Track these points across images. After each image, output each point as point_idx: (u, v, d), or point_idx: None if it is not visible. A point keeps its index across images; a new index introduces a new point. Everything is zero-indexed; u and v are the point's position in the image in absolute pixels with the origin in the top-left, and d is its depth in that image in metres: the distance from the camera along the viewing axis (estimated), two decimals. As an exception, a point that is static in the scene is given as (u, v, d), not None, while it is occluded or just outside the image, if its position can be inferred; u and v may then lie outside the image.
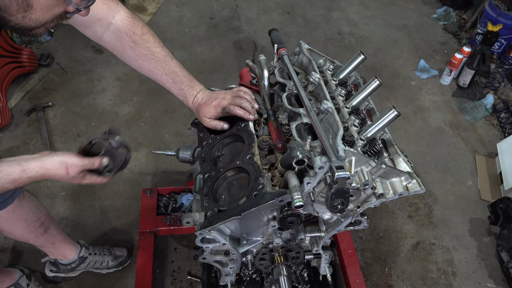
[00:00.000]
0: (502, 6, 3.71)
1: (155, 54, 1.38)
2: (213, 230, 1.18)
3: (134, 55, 1.38)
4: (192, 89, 1.42)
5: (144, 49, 1.37)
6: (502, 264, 2.44)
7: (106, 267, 2.18)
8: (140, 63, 1.39)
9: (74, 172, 1.14)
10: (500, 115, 3.41)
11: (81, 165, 1.15)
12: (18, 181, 1.07)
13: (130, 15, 1.40)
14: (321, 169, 1.04)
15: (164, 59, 1.39)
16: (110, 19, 1.36)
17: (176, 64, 1.41)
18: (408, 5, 4.81)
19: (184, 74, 1.42)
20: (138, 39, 1.36)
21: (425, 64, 3.90)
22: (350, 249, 2.15)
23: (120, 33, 1.36)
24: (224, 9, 4.40)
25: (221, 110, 1.38)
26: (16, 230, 1.73)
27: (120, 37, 1.36)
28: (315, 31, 4.27)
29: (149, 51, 1.37)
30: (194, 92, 1.42)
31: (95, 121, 3.07)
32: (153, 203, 2.26)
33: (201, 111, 1.40)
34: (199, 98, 1.41)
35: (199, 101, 1.41)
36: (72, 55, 3.58)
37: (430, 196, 2.83)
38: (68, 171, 1.13)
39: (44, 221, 1.81)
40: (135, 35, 1.36)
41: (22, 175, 1.07)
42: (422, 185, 1.16)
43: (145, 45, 1.37)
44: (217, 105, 1.38)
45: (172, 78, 1.40)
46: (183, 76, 1.41)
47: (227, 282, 1.53)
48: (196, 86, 1.43)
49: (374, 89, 1.26)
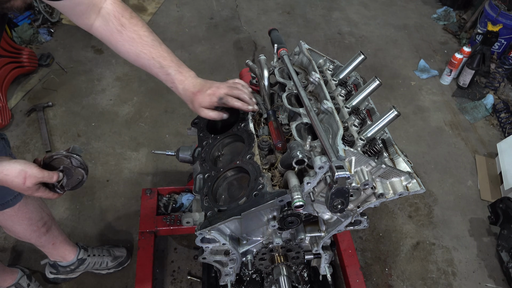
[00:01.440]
0: (502, 6, 3.71)
1: (142, 38, 1.32)
2: (213, 230, 1.18)
3: (121, 39, 1.32)
4: (180, 74, 1.32)
5: (131, 32, 1.31)
6: (502, 264, 2.44)
7: (105, 268, 2.18)
8: (127, 47, 1.32)
9: (30, 183, 1.12)
10: (500, 115, 3.41)
11: (40, 176, 1.13)
12: None
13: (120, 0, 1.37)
14: (321, 169, 1.04)
15: (153, 43, 1.32)
16: (102, 3, 1.32)
17: (165, 49, 1.34)
18: (408, 5, 4.81)
19: (173, 58, 1.33)
20: (126, 22, 1.31)
21: (425, 64, 3.90)
22: (350, 249, 2.15)
23: (109, 16, 1.31)
24: (224, 9, 4.40)
25: (217, 99, 1.31)
26: (19, 229, 1.73)
27: (108, 21, 1.32)
28: (315, 31, 4.27)
29: (137, 35, 1.31)
30: (182, 77, 1.32)
31: (95, 121, 3.07)
32: (153, 203, 2.26)
33: (196, 100, 1.31)
34: (190, 86, 1.32)
35: (190, 88, 1.32)
36: (72, 55, 3.58)
37: (430, 196, 2.83)
38: (26, 181, 1.11)
39: (47, 221, 1.82)
40: (123, 18, 1.31)
41: None
42: (422, 185, 1.16)
43: (133, 28, 1.32)
44: (212, 94, 1.30)
45: (159, 63, 1.31)
46: (171, 60, 1.33)
47: (227, 282, 1.53)
48: (185, 71, 1.33)
49: (374, 89, 1.26)
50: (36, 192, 1.17)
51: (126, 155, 2.86)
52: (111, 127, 3.05)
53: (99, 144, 2.91)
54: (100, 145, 2.91)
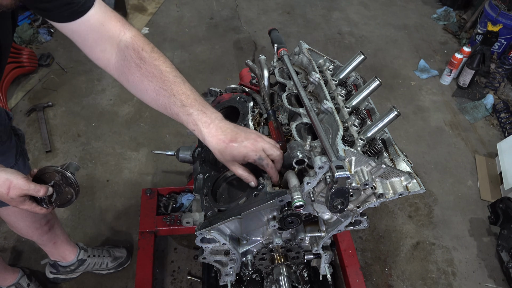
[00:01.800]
0: (502, 6, 3.71)
1: (163, 74, 1.15)
2: (213, 230, 1.18)
3: (140, 74, 1.16)
4: (204, 115, 1.11)
5: (152, 66, 1.15)
6: (502, 264, 2.44)
7: (105, 268, 2.19)
8: (145, 85, 1.16)
9: (14, 194, 1.07)
10: (500, 115, 3.41)
11: (26, 189, 1.08)
12: None
13: (141, 34, 1.23)
14: (321, 169, 1.04)
15: (175, 79, 1.15)
16: (121, 36, 1.19)
17: (188, 87, 1.15)
18: (408, 5, 4.81)
19: (196, 97, 1.14)
20: (146, 56, 1.16)
21: (425, 64, 3.90)
22: (350, 249, 2.15)
23: (127, 49, 1.17)
24: (224, 9, 4.40)
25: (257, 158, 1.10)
26: (22, 225, 1.74)
27: (126, 55, 1.17)
28: (315, 31, 4.27)
29: (157, 70, 1.15)
30: (207, 119, 1.11)
31: (95, 121, 3.07)
32: (153, 203, 2.26)
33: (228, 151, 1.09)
34: (218, 131, 1.10)
35: (219, 135, 1.09)
36: (72, 55, 3.58)
37: (430, 196, 2.83)
38: (9, 191, 1.06)
39: (50, 219, 1.84)
40: (143, 51, 1.16)
41: None
42: (422, 185, 1.16)
43: (154, 63, 1.16)
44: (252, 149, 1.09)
45: (180, 101, 1.12)
46: (194, 99, 1.13)
47: (227, 282, 1.53)
48: (209, 112, 1.12)
49: (374, 89, 1.26)
50: (21, 204, 1.12)
51: (126, 155, 2.86)
52: (111, 127, 3.05)
53: (99, 144, 2.91)
54: (100, 145, 2.91)
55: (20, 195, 1.08)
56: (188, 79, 1.18)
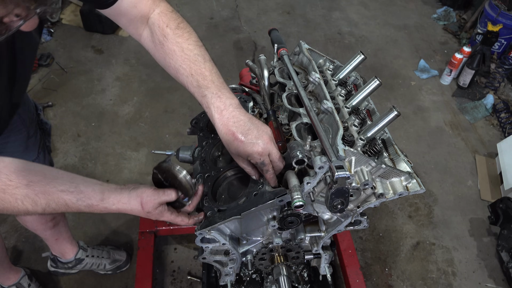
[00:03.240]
0: (502, 6, 3.71)
1: (184, 51, 1.13)
2: (213, 230, 1.18)
3: (163, 51, 1.16)
4: (218, 100, 1.07)
5: (173, 44, 1.14)
6: (502, 264, 2.44)
7: (103, 269, 2.19)
8: (167, 61, 1.15)
9: (149, 207, 1.03)
10: (500, 115, 3.41)
11: (156, 197, 1.04)
12: (94, 207, 1.00)
13: (170, 10, 1.21)
14: (321, 169, 1.04)
15: (195, 58, 1.12)
16: (150, 13, 1.19)
17: (209, 67, 1.12)
18: (408, 5, 4.81)
19: (214, 79, 1.10)
20: (169, 33, 1.15)
21: (425, 64, 3.90)
22: (350, 249, 2.15)
23: (154, 26, 1.17)
24: (224, 9, 4.40)
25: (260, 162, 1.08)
26: (29, 217, 1.77)
27: (152, 32, 1.18)
28: (315, 31, 4.27)
29: (179, 47, 1.13)
30: (220, 104, 1.06)
31: (95, 121, 3.07)
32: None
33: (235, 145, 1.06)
34: (230, 120, 1.06)
35: (230, 125, 1.05)
36: (72, 55, 3.58)
37: (430, 196, 2.83)
38: (144, 207, 1.03)
39: (56, 216, 1.87)
40: (168, 28, 1.15)
41: (100, 204, 1.00)
42: (422, 185, 1.16)
43: (176, 40, 1.14)
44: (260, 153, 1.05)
45: (197, 81, 1.10)
46: (211, 81, 1.09)
47: (227, 282, 1.53)
48: (225, 97, 1.07)
49: (374, 89, 1.26)
50: (161, 216, 1.07)
51: (126, 155, 2.86)
52: (111, 127, 3.05)
53: (99, 144, 2.91)
54: (100, 145, 2.91)
55: (155, 207, 1.05)
56: (188, 79, 1.17)
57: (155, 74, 3.50)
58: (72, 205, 0.97)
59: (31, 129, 1.50)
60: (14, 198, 0.92)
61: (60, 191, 0.95)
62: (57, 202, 0.95)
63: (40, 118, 1.59)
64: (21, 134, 1.47)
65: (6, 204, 0.92)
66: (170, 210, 1.10)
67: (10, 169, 0.93)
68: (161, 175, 1.10)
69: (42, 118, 1.61)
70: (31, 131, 1.50)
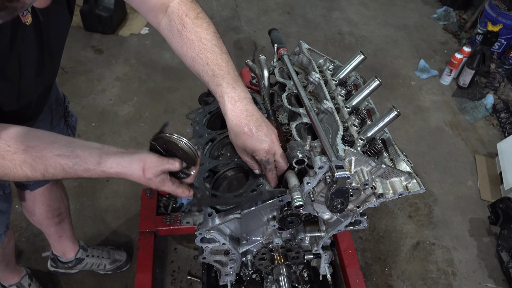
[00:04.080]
0: (502, 6, 3.71)
1: (202, 41, 1.13)
2: (213, 230, 1.19)
3: (180, 40, 1.15)
4: (233, 90, 1.07)
5: (192, 33, 1.14)
6: (502, 264, 2.44)
7: (103, 269, 2.19)
8: (185, 50, 1.15)
9: (151, 173, 0.98)
10: (500, 115, 3.41)
11: (160, 164, 0.99)
12: (91, 172, 0.95)
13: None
14: (321, 168, 1.04)
15: (212, 48, 1.13)
16: (170, 2, 1.20)
17: (225, 58, 1.13)
18: (408, 5, 4.81)
19: (230, 71, 1.11)
20: (188, 22, 1.15)
21: (425, 64, 3.90)
22: (350, 249, 2.15)
23: (173, 15, 1.17)
24: (224, 9, 4.40)
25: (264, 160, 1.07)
26: (37, 211, 1.79)
27: (171, 20, 1.18)
28: (315, 31, 4.27)
29: (197, 37, 1.14)
30: (234, 95, 1.07)
31: (95, 121, 3.07)
32: (153, 203, 2.26)
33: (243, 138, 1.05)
34: (243, 112, 1.06)
35: (242, 117, 1.05)
36: (72, 55, 3.58)
37: (430, 196, 2.83)
38: (145, 172, 0.98)
39: (62, 213, 1.88)
40: (187, 17, 1.15)
41: (96, 168, 0.96)
42: (422, 185, 1.16)
43: (195, 29, 1.14)
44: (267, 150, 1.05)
45: (212, 70, 1.10)
46: (227, 72, 1.10)
47: (227, 282, 1.53)
48: (239, 89, 1.09)
49: (374, 89, 1.26)
50: (162, 185, 1.01)
51: (126, 155, 2.86)
52: (111, 127, 3.05)
53: (99, 144, 2.91)
54: (100, 145, 2.90)
55: (157, 174, 0.99)
56: (188, 79, 1.18)
57: (155, 74, 3.50)
58: (69, 170, 0.94)
59: (55, 120, 1.52)
60: (13, 164, 0.91)
61: (56, 156, 0.93)
62: (54, 167, 0.93)
63: (67, 110, 1.61)
64: (47, 125, 1.49)
65: (6, 170, 0.91)
66: (172, 180, 1.04)
67: (9, 135, 0.92)
68: (160, 146, 1.03)
69: (69, 110, 1.63)
70: (54, 123, 1.52)
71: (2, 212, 1.47)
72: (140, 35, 3.92)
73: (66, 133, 1.63)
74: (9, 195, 1.47)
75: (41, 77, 1.21)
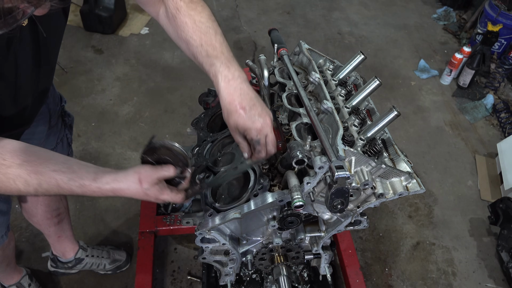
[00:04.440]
0: (502, 6, 3.71)
1: (196, 23, 1.13)
2: (213, 230, 1.19)
3: (175, 24, 1.16)
4: (227, 69, 1.07)
5: (186, 16, 1.14)
6: (502, 264, 2.44)
7: (103, 269, 2.19)
8: (179, 33, 1.16)
9: (147, 183, 0.99)
10: (500, 115, 3.41)
11: (154, 172, 0.99)
12: (86, 187, 0.96)
13: None
14: (321, 169, 1.04)
15: (206, 30, 1.13)
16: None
17: (220, 39, 1.13)
18: (408, 5, 4.81)
19: (224, 51, 1.11)
20: (182, 6, 1.14)
21: (425, 64, 3.90)
22: (350, 249, 2.15)
23: (167, 1, 1.17)
24: (224, 9, 4.40)
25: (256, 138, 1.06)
26: (36, 212, 1.79)
27: (167, 7, 1.18)
28: (315, 31, 4.26)
29: (191, 19, 1.14)
30: (228, 74, 1.06)
31: (95, 121, 3.07)
32: (153, 203, 2.26)
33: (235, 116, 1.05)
34: (236, 91, 1.05)
35: (235, 96, 1.05)
36: (72, 55, 3.58)
37: (430, 196, 2.83)
38: (142, 183, 0.98)
39: (61, 213, 1.88)
40: (181, 1, 1.15)
41: (92, 184, 0.96)
42: (422, 185, 1.16)
43: (189, 13, 1.14)
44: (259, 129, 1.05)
45: (206, 51, 1.11)
46: (221, 52, 1.11)
47: (227, 282, 1.53)
48: (233, 69, 1.08)
49: (374, 89, 1.26)
50: (161, 194, 1.01)
51: (126, 155, 2.86)
52: (111, 127, 3.05)
53: (99, 144, 2.91)
54: (100, 145, 2.91)
55: (154, 182, 0.99)
56: (188, 79, 1.19)
57: (155, 74, 3.50)
58: (63, 185, 0.94)
59: (53, 119, 1.51)
60: (6, 177, 0.91)
61: (52, 171, 0.93)
62: (48, 182, 0.93)
63: (64, 110, 1.61)
64: (45, 125, 1.48)
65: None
66: (170, 188, 1.04)
67: (6, 149, 0.92)
68: (151, 158, 1.03)
69: (66, 110, 1.63)
70: (52, 122, 1.51)
71: (3, 213, 1.46)
72: (140, 35, 3.92)
73: (63, 133, 1.63)
74: (9, 196, 1.47)
75: (37, 79, 1.21)
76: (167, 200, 1.04)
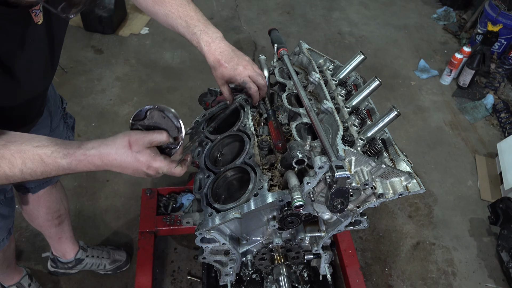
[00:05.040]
0: (502, 6, 3.71)
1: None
2: (213, 230, 1.19)
3: (151, 0, 1.29)
4: (206, 35, 1.27)
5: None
6: (502, 264, 2.44)
7: (103, 269, 2.19)
8: (156, 8, 1.30)
9: (138, 146, 0.94)
10: (500, 115, 3.41)
11: (145, 135, 0.95)
12: (71, 156, 0.92)
13: None
14: (321, 169, 1.04)
15: (181, 2, 1.29)
16: None
17: (193, 8, 1.30)
18: (408, 5, 4.81)
19: (199, 18, 1.29)
20: None
21: (425, 64, 3.90)
22: (350, 249, 2.15)
23: None
24: (224, 9, 4.40)
25: (240, 81, 1.29)
26: (37, 214, 1.80)
27: None
28: (315, 31, 4.27)
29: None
30: (208, 38, 1.27)
31: (95, 121, 3.07)
32: (153, 203, 2.26)
33: (220, 70, 1.27)
34: (217, 50, 1.27)
35: (217, 54, 1.27)
36: (72, 55, 3.58)
37: (430, 196, 2.83)
38: (132, 146, 0.93)
39: (61, 214, 1.89)
40: None
41: (77, 151, 0.92)
42: (422, 185, 1.16)
43: None
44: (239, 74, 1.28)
45: (185, 22, 1.28)
46: (197, 20, 1.29)
47: (227, 282, 1.53)
48: (211, 32, 1.28)
49: (374, 89, 1.26)
50: (154, 161, 0.96)
51: (126, 155, 2.86)
52: (111, 127, 3.05)
53: (99, 144, 2.91)
54: (100, 145, 2.90)
55: (145, 146, 0.95)
56: (188, 79, 1.20)
57: (155, 74, 3.50)
58: (47, 159, 0.91)
59: (54, 122, 1.52)
60: None
61: (35, 147, 0.91)
62: (32, 159, 0.91)
63: (65, 112, 1.62)
64: (47, 128, 1.48)
65: None
66: (163, 155, 1.00)
67: None
68: (142, 124, 0.97)
69: (67, 111, 1.64)
70: (54, 124, 1.52)
71: (4, 217, 1.46)
72: (140, 35, 3.92)
73: (66, 134, 1.63)
74: (12, 200, 1.47)
75: (46, 77, 1.24)
76: (160, 170, 0.98)
